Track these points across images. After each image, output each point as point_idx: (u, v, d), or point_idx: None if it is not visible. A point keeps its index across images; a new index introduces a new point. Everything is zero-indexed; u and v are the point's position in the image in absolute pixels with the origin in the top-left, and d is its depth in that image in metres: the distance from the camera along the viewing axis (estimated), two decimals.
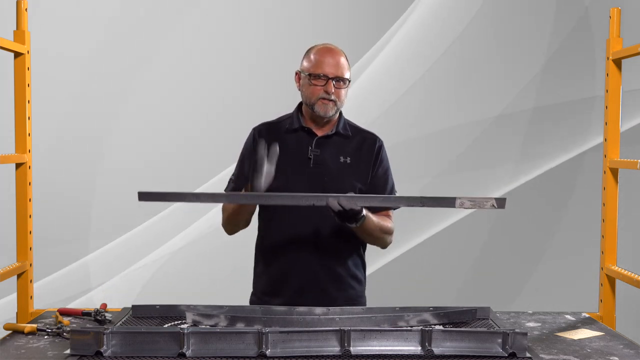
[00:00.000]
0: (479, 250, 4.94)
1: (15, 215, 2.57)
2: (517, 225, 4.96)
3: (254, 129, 2.63)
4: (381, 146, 2.62)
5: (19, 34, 2.55)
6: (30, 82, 2.58)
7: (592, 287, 2.87)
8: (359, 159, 2.57)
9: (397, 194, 2.65)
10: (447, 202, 2.30)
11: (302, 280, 2.52)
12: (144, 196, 2.30)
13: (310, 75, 2.50)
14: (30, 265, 2.60)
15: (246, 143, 2.63)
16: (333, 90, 2.48)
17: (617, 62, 2.63)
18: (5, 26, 2.73)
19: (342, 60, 2.52)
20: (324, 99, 2.49)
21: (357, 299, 2.59)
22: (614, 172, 2.63)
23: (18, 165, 2.56)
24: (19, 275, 2.56)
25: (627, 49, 2.54)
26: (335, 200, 2.29)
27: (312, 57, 2.53)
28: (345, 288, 2.57)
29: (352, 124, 2.64)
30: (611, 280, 2.63)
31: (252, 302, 2.62)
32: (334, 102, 2.50)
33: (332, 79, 2.48)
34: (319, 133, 2.56)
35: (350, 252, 2.58)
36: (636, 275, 2.44)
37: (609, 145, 2.63)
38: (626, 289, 2.72)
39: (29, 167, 2.58)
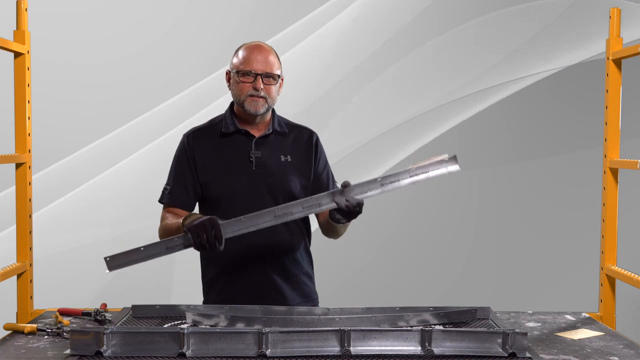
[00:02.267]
0: (478, 251, 4.94)
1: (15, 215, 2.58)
2: (517, 225, 4.97)
3: (186, 135, 2.56)
4: (318, 139, 2.60)
5: (19, 34, 2.55)
6: (30, 82, 2.59)
7: (592, 287, 2.87)
8: (299, 155, 2.54)
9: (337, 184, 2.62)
10: (402, 175, 2.27)
11: (256, 284, 2.48)
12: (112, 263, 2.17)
13: (238, 72, 2.46)
14: (30, 265, 2.59)
15: (179, 150, 2.55)
16: (262, 87, 2.44)
17: (617, 62, 2.63)
18: (5, 26, 2.74)
19: (271, 57, 2.48)
20: (253, 95, 2.44)
21: (311, 295, 2.58)
22: (614, 172, 2.63)
23: (18, 165, 2.56)
24: (19, 275, 2.56)
25: (627, 48, 2.55)
26: (343, 199, 2.25)
27: (240, 54, 2.49)
28: (300, 286, 2.55)
29: (285, 120, 2.60)
30: (611, 280, 2.63)
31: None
32: (264, 98, 2.45)
33: (261, 74, 2.44)
34: (256, 134, 2.51)
35: (300, 250, 2.56)
36: (636, 275, 2.43)
37: (609, 145, 2.63)
38: (626, 289, 2.72)
39: (29, 167, 2.58)
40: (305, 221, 2.58)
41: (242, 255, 2.47)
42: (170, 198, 2.52)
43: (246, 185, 2.46)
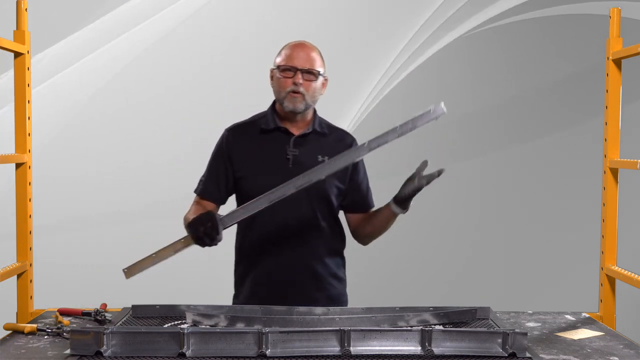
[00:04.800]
0: (479, 251, 4.94)
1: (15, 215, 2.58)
2: (518, 225, 4.97)
3: (227, 130, 2.59)
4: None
5: (19, 34, 2.54)
6: (30, 82, 2.58)
7: (592, 287, 2.87)
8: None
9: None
10: (389, 135, 2.30)
11: (283, 282, 2.50)
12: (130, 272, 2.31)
13: (279, 67, 2.48)
14: (30, 265, 2.59)
15: (218, 144, 2.59)
16: (302, 82, 2.45)
17: (617, 62, 2.62)
18: (5, 26, 2.74)
19: (314, 54, 2.50)
20: (293, 92, 2.46)
21: (338, 298, 2.59)
22: (614, 172, 2.63)
23: (18, 165, 2.56)
24: (19, 275, 2.56)
25: (627, 49, 2.54)
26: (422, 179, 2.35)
27: (283, 52, 2.52)
28: (326, 287, 2.56)
29: (326, 122, 2.61)
30: (611, 280, 2.63)
31: (234, 304, 2.60)
32: (303, 95, 2.46)
33: (301, 70, 2.45)
34: (295, 132, 2.53)
35: (331, 252, 2.57)
36: (636, 275, 2.43)
37: (609, 145, 2.63)
38: (626, 289, 2.72)
39: (29, 167, 2.58)
40: (338, 223, 2.60)
41: (272, 253, 2.50)
42: (202, 190, 2.58)
43: (281, 182, 2.44)
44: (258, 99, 2.65)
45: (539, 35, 4.97)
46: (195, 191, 2.60)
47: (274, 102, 2.58)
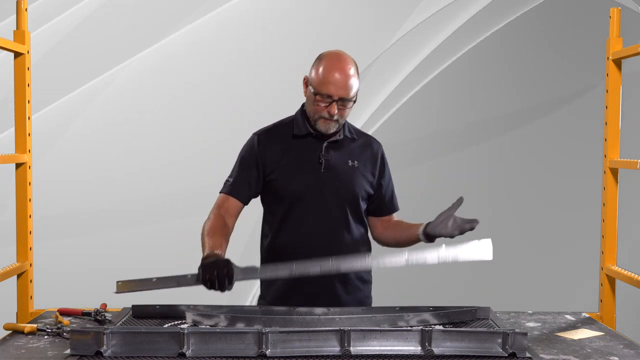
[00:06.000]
0: None
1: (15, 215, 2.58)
2: (517, 225, 4.96)
3: (256, 134, 2.58)
4: (383, 152, 2.64)
5: (19, 34, 2.55)
6: (30, 82, 2.58)
7: (592, 287, 2.87)
8: (365, 162, 2.58)
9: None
10: (429, 254, 2.30)
11: (314, 286, 2.49)
12: (122, 287, 2.24)
13: (315, 92, 2.44)
14: (30, 265, 2.60)
15: (247, 148, 2.57)
16: (336, 112, 2.43)
17: (617, 62, 2.63)
18: (5, 26, 2.74)
19: (351, 77, 2.42)
20: (325, 118, 2.45)
21: (365, 300, 2.60)
22: (614, 172, 2.63)
23: (18, 165, 2.56)
24: (19, 275, 2.56)
25: (627, 49, 2.54)
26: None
27: (320, 70, 2.43)
28: (354, 290, 2.57)
29: (354, 127, 2.64)
30: (611, 280, 2.63)
31: (258, 304, 2.60)
32: (337, 121, 2.46)
33: (337, 100, 2.43)
34: (327, 137, 2.55)
35: (359, 255, 2.57)
36: (636, 275, 2.44)
37: (609, 145, 2.63)
38: (626, 289, 2.72)
39: (29, 167, 2.58)
40: (364, 226, 2.62)
41: (303, 256, 2.46)
42: (232, 189, 2.52)
43: (313, 186, 2.48)
44: (258, 100, 2.64)
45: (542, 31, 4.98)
46: (222, 191, 2.55)
47: (303, 106, 2.56)
